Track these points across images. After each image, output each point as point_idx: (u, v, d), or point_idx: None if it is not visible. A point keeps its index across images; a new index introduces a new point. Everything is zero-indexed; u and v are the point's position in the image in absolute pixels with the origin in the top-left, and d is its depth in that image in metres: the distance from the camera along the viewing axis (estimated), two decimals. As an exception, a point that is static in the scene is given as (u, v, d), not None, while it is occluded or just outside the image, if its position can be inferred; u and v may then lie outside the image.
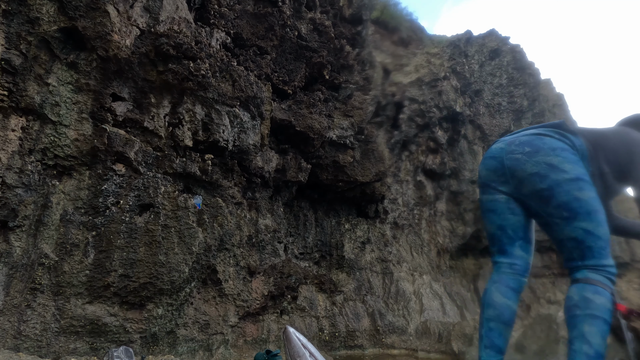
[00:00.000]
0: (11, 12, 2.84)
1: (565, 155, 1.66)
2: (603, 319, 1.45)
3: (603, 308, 1.46)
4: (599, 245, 1.56)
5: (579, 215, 1.59)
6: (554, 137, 1.73)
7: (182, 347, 3.57)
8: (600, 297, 1.48)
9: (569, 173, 1.62)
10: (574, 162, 1.65)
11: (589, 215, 1.58)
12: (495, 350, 1.65)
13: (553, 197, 1.64)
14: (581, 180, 1.62)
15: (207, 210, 3.85)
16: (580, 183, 1.61)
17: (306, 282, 4.92)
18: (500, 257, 1.86)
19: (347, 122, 5.38)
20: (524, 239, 1.81)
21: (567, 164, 1.64)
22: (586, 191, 1.60)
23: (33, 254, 2.92)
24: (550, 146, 1.69)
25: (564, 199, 1.61)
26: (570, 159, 1.66)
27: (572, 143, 1.72)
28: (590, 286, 1.52)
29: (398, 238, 6.26)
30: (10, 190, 2.85)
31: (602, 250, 1.56)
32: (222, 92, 3.98)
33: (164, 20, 3.59)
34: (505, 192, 1.80)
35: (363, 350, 4.88)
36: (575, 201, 1.59)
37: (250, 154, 4.33)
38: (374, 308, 5.29)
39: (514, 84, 7.19)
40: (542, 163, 1.66)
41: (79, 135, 3.17)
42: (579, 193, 1.59)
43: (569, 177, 1.61)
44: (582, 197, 1.59)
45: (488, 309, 1.75)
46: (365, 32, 5.97)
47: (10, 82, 2.86)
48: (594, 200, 1.60)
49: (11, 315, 2.77)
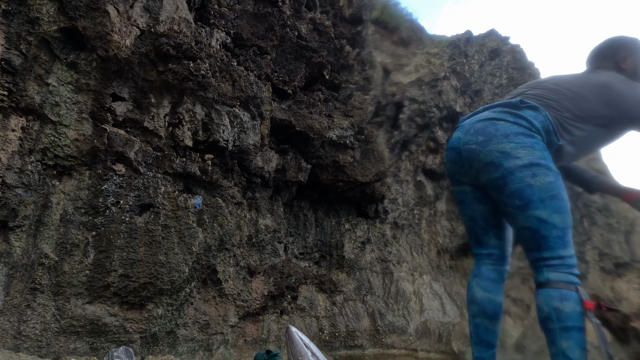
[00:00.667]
0: (11, 12, 2.84)
1: (519, 140, 1.56)
2: (576, 327, 1.40)
3: (574, 315, 1.40)
4: (554, 234, 1.46)
5: (531, 202, 1.49)
6: (509, 120, 1.62)
7: (182, 347, 3.57)
8: (568, 303, 1.40)
9: (522, 159, 1.52)
10: (529, 146, 1.55)
11: (543, 203, 1.48)
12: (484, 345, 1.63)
13: (506, 185, 1.56)
14: (535, 165, 1.52)
15: (207, 210, 3.85)
16: (534, 169, 1.52)
17: (306, 282, 4.92)
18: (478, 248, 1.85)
19: (347, 122, 5.37)
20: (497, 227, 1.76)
21: (521, 149, 1.54)
22: (540, 177, 1.51)
23: (33, 254, 2.92)
24: (503, 132, 1.59)
25: (516, 186, 1.53)
26: (525, 143, 1.55)
27: (530, 123, 1.60)
28: (556, 291, 1.42)
29: (398, 238, 6.26)
30: (10, 190, 2.85)
31: (558, 240, 1.46)
32: (222, 92, 3.98)
33: (164, 20, 3.59)
34: (469, 183, 1.75)
35: (363, 350, 4.88)
36: (527, 188, 1.50)
37: (250, 154, 4.33)
38: (374, 308, 5.29)
39: (514, 84, 7.19)
40: (495, 152, 1.57)
41: (79, 135, 3.17)
42: (532, 179, 1.50)
43: (521, 164, 1.52)
44: (535, 184, 1.50)
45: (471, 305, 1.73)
46: (365, 32, 5.97)
47: (10, 82, 2.86)
48: (549, 185, 1.50)
49: (11, 315, 2.77)
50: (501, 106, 1.69)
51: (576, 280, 1.44)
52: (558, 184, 1.52)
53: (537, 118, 1.61)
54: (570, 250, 1.47)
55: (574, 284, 1.42)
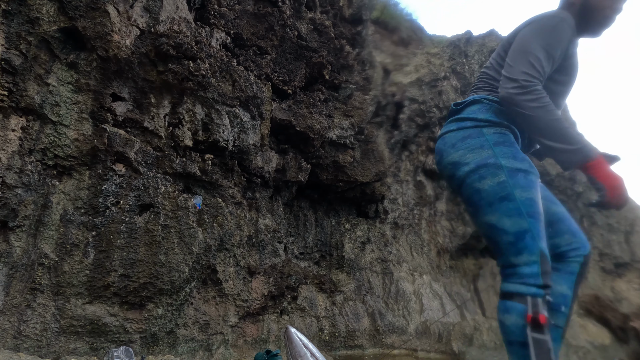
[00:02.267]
0: (11, 12, 2.84)
1: (465, 146, 1.47)
2: (518, 342, 1.27)
3: (514, 329, 1.27)
4: (505, 240, 1.34)
5: (480, 208, 1.40)
6: (453, 129, 1.55)
7: (182, 347, 3.57)
8: (509, 316, 1.28)
9: (470, 164, 1.43)
10: (477, 147, 1.45)
11: (491, 207, 1.37)
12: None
13: (461, 195, 1.49)
14: (483, 167, 1.40)
15: (207, 210, 3.85)
16: (481, 171, 1.40)
17: (306, 282, 4.92)
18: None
19: (347, 122, 5.37)
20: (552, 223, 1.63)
21: (469, 153, 1.45)
22: (488, 179, 1.39)
23: (33, 254, 2.92)
24: (450, 144, 1.53)
25: (466, 194, 1.45)
26: (472, 145, 1.46)
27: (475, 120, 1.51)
28: (502, 303, 1.32)
29: (398, 238, 6.26)
30: (10, 190, 2.85)
31: (510, 247, 1.33)
32: (222, 92, 3.98)
33: (164, 20, 3.59)
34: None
35: (363, 350, 4.88)
36: (475, 194, 1.41)
37: (250, 154, 4.33)
38: (374, 308, 5.29)
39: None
40: (448, 165, 1.52)
41: (79, 135, 3.17)
42: (479, 184, 1.40)
43: (469, 169, 1.43)
44: (483, 187, 1.39)
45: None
46: (365, 32, 5.97)
47: (10, 82, 2.86)
48: (498, 186, 1.37)
49: (11, 315, 2.77)
50: (448, 117, 1.65)
51: (527, 291, 1.27)
52: (511, 182, 1.36)
53: (481, 109, 1.52)
54: (524, 257, 1.30)
55: (523, 294, 1.26)
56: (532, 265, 1.28)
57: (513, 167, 1.38)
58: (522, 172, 1.39)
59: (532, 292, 1.26)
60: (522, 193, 1.35)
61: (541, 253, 1.29)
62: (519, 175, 1.37)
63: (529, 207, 1.34)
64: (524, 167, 1.40)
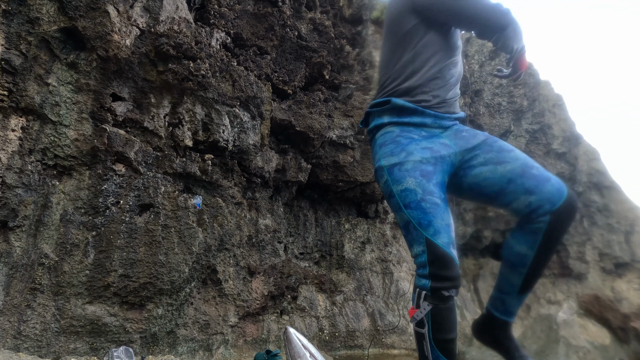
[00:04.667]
0: (11, 12, 2.84)
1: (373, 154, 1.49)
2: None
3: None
4: (404, 235, 1.35)
5: (392, 208, 1.40)
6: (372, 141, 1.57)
7: (182, 347, 3.57)
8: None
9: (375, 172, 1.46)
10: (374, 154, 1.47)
11: (392, 205, 1.38)
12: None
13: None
14: (375, 172, 1.44)
15: (207, 210, 3.85)
16: (376, 176, 1.45)
17: (306, 282, 4.92)
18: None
19: (347, 122, 5.37)
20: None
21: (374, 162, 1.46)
22: (380, 182, 1.43)
23: (33, 254, 2.92)
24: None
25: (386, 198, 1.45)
26: (372, 155, 1.49)
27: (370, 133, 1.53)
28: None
29: (398, 238, 6.26)
30: (10, 190, 2.85)
31: (406, 241, 1.34)
32: (222, 92, 3.98)
33: (164, 20, 3.59)
34: None
35: (363, 350, 4.88)
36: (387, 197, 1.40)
37: (250, 154, 4.33)
38: (374, 308, 5.29)
39: (514, 84, 7.19)
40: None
41: (79, 135, 3.17)
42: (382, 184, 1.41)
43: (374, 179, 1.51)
44: (381, 190, 1.42)
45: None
46: (365, 32, 5.97)
47: (10, 82, 2.86)
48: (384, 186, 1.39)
49: (11, 315, 2.77)
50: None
51: (417, 283, 1.28)
52: (390, 179, 1.37)
53: (372, 120, 1.55)
54: (415, 249, 1.30)
55: (415, 286, 1.28)
56: (421, 256, 1.27)
57: (389, 164, 1.39)
58: (397, 165, 1.38)
59: (420, 285, 1.25)
60: (397, 187, 1.36)
61: (427, 241, 1.26)
62: (394, 170, 1.38)
63: (404, 199, 1.33)
64: (399, 160, 1.38)
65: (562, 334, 6.31)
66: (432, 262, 1.24)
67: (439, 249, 1.24)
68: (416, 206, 1.30)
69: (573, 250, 7.90)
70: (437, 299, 1.21)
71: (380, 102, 1.51)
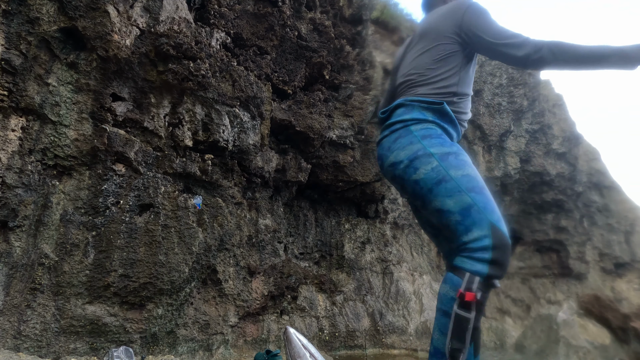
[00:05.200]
0: (11, 12, 2.84)
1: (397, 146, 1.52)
2: (442, 310, 1.27)
3: (444, 298, 1.27)
4: (453, 220, 1.33)
5: (424, 197, 1.42)
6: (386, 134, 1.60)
7: (182, 347, 3.57)
8: (445, 285, 1.29)
9: (404, 160, 1.47)
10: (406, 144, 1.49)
11: (432, 193, 1.39)
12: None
13: (407, 192, 1.51)
14: (414, 159, 1.44)
15: (207, 210, 3.85)
16: (414, 163, 1.44)
17: (306, 282, 4.92)
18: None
19: (347, 122, 5.37)
20: None
21: (401, 151, 1.49)
22: (421, 168, 1.42)
23: (33, 254, 2.92)
24: (386, 147, 1.57)
25: (410, 188, 1.48)
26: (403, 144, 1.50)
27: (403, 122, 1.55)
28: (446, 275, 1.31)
29: (398, 238, 6.26)
30: (10, 190, 2.85)
31: (458, 226, 1.32)
32: (222, 92, 3.98)
33: (164, 20, 3.59)
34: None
35: (363, 350, 4.88)
36: (415, 186, 1.43)
37: (250, 154, 4.33)
38: (374, 308, 5.29)
39: (514, 83, 7.19)
40: (389, 168, 1.55)
41: (79, 135, 3.17)
42: (416, 175, 1.43)
43: (404, 166, 1.47)
44: (420, 177, 1.42)
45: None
46: (365, 32, 5.97)
47: (10, 82, 2.86)
48: (432, 171, 1.40)
49: (11, 315, 2.77)
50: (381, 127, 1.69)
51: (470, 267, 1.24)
52: (443, 164, 1.39)
53: (406, 111, 1.57)
54: (475, 233, 1.27)
55: (464, 270, 1.25)
56: (483, 240, 1.26)
57: (442, 152, 1.43)
58: (452, 154, 1.43)
59: (474, 270, 1.24)
60: (457, 172, 1.38)
61: (492, 226, 1.27)
62: (450, 157, 1.41)
63: (467, 183, 1.35)
64: (454, 150, 1.44)
65: (562, 334, 6.31)
66: (496, 247, 1.24)
67: (504, 236, 1.27)
68: (480, 191, 1.34)
69: (573, 250, 7.90)
70: (487, 287, 1.23)
71: (432, 102, 1.57)
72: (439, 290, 1.31)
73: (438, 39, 1.64)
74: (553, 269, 7.91)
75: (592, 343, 6.39)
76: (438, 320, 1.28)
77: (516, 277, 7.91)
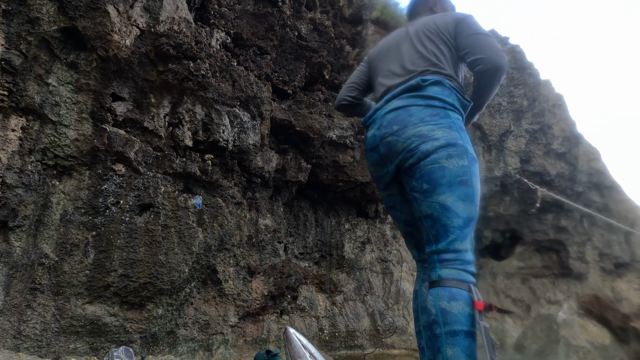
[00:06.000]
0: (11, 12, 2.84)
1: (435, 122, 1.43)
2: (464, 332, 1.17)
3: (461, 317, 1.18)
4: (455, 223, 1.29)
5: (439, 187, 1.34)
6: (419, 104, 1.49)
7: (182, 347, 3.57)
8: (457, 303, 1.19)
9: (440, 140, 1.38)
10: (446, 126, 1.42)
11: (450, 188, 1.33)
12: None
13: (418, 168, 1.41)
14: (452, 145, 1.38)
15: (207, 210, 3.85)
16: (450, 149, 1.37)
17: (306, 282, 4.92)
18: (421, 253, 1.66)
19: (347, 122, 5.37)
20: None
21: (438, 130, 1.41)
22: (454, 158, 1.35)
23: (33, 254, 2.92)
24: (418, 117, 1.45)
25: (427, 168, 1.37)
26: (442, 123, 1.43)
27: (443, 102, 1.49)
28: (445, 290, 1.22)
29: (398, 238, 6.26)
30: (10, 190, 2.85)
31: (457, 230, 1.29)
32: (222, 92, 3.98)
33: (164, 20, 3.59)
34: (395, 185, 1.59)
35: (363, 350, 4.88)
36: (439, 170, 1.35)
37: (250, 154, 4.33)
38: (374, 308, 5.29)
39: (514, 84, 7.19)
40: (412, 137, 1.43)
41: (79, 135, 3.17)
42: (445, 161, 1.35)
43: (438, 145, 1.38)
44: (448, 166, 1.34)
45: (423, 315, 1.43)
46: (365, 32, 5.97)
47: (10, 82, 2.86)
48: (461, 169, 1.35)
49: (11, 315, 2.77)
50: (405, 91, 1.56)
51: (470, 279, 1.25)
52: (471, 169, 1.37)
53: (444, 92, 1.51)
54: (467, 244, 1.29)
55: (467, 282, 1.23)
56: (470, 254, 1.30)
57: (473, 156, 1.43)
58: (475, 162, 1.43)
59: (472, 281, 1.27)
60: (477, 182, 1.38)
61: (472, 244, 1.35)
62: (475, 165, 1.42)
63: (478, 198, 1.38)
64: (475, 157, 1.45)
65: (562, 334, 6.31)
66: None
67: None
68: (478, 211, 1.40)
69: (573, 250, 7.90)
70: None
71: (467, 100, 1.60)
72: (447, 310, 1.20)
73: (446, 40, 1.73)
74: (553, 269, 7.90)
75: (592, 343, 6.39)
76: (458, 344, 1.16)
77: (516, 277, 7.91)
